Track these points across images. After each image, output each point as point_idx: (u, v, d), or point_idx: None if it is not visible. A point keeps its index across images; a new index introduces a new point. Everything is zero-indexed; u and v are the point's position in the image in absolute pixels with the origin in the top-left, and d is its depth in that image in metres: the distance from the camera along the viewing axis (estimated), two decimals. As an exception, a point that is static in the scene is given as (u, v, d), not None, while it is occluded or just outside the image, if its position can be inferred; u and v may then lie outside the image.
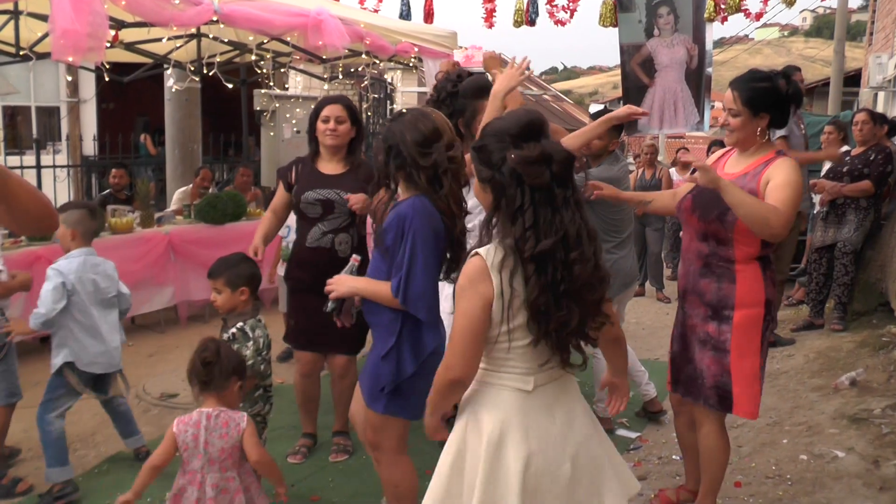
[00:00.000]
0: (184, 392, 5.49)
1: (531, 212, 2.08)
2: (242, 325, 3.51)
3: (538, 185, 2.08)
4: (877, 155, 6.51)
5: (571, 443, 2.24)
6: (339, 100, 4.14)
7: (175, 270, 7.12)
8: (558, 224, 2.09)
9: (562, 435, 2.23)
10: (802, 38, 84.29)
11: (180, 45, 8.26)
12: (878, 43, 15.47)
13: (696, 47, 8.13)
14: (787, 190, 3.07)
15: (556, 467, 2.20)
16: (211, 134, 12.13)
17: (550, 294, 2.09)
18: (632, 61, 8.42)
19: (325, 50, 7.30)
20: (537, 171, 2.07)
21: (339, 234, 4.06)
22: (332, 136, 4.00)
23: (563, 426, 2.24)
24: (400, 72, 11.18)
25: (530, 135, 2.11)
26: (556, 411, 2.26)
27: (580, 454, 2.25)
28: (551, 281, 2.09)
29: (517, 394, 2.22)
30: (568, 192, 2.11)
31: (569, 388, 2.34)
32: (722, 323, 3.25)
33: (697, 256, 3.34)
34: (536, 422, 2.21)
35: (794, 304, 8.04)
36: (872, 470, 3.95)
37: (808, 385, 5.32)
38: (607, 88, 69.03)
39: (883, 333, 5.88)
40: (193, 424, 3.06)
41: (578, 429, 2.29)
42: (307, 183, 4.07)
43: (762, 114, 3.21)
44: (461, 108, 3.61)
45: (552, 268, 2.08)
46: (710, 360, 3.29)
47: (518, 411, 2.21)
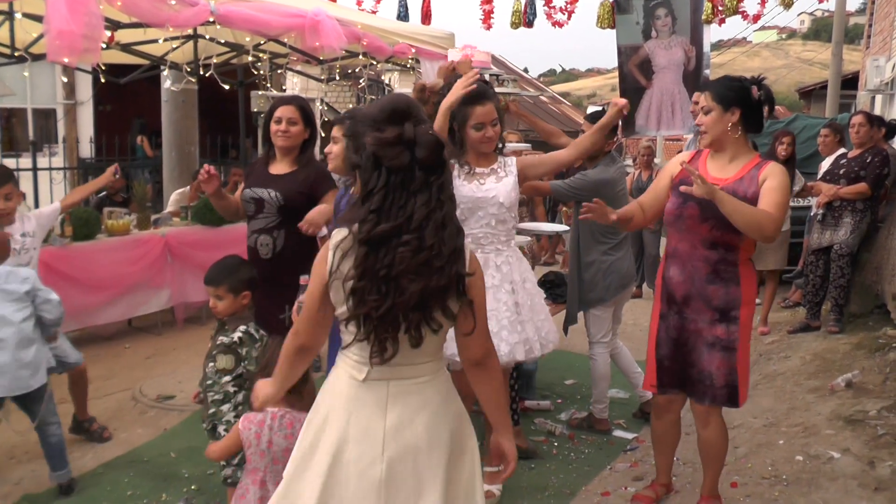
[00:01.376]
0: (180, 394, 5.49)
1: (381, 195, 2.03)
2: (246, 327, 3.52)
3: (397, 167, 2.02)
4: (873, 157, 6.51)
5: (394, 447, 2.15)
6: (292, 100, 4.11)
7: (172, 272, 7.11)
8: (409, 208, 2.03)
9: (386, 434, 2.15)
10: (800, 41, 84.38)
11: (177, 46, 8.25)
12: (876, 46, 15.49)
13: (693, 49, 8.17)
14: (780, 194, 3.22)
15: (368, 464, 2.14)
16: (208, 136, 12.13)
17: (372, 278, 2.04)
18: (629, 63, 8.44)
19: (323, 51, 7.29)
20: (394, 153, 2.02)
21: (262, 235, 4.03)
22: (283, 137, 4.00)
23: (392, 427, 2.16)
24: (397, 73, 11.18)
25: (393, 119, 2.06)
26: (389, 409, 2.17)
27: (402, 461, 2.15)
28: (376, 265, 2.03)
29: (350, 381, 2.21)
30: (432, 178, 2.05)
31: (419, 393, 2.21)
32: (731, 324, 3.38)
33: (705, 263, 3.39)
34: (362, 411, 2.18)
35: (791, 307, 8.05)
36: (868, 471, 3.95)
37: (804, 386, 5.32)
38: (605, 90, 69.10)
39: (879, 335, 5.88)
40: (258, 423, 3.06)
41: (411, 436, 2.17)
42: (252, 181, 4.12)
43: (733, 108, 3.32)
44: (454, 112, 3.64)
45: (384, 252, 2.03)
46: (721, 362, 3.40)
47: (346, 396, 2.21)
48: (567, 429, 4.88)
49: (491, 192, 3.73)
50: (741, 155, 3.40)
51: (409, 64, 9.42)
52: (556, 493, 3.98)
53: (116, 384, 5.85)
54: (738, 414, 4.95)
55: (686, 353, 3.48)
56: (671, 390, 3.59)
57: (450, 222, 2.09)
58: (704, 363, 3.42)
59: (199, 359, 5.04)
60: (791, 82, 49.95)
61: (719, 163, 3.44)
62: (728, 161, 3.41)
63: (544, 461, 4.40)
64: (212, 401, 3.51)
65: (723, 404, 3.46)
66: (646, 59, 8.07)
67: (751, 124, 3.38)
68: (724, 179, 3.35)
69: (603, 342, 4.82)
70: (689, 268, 3.43)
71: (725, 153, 3.42)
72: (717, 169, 3.43)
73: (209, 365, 3.54)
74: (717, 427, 3.54)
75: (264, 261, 3.99)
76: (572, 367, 5.94)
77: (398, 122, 2.06)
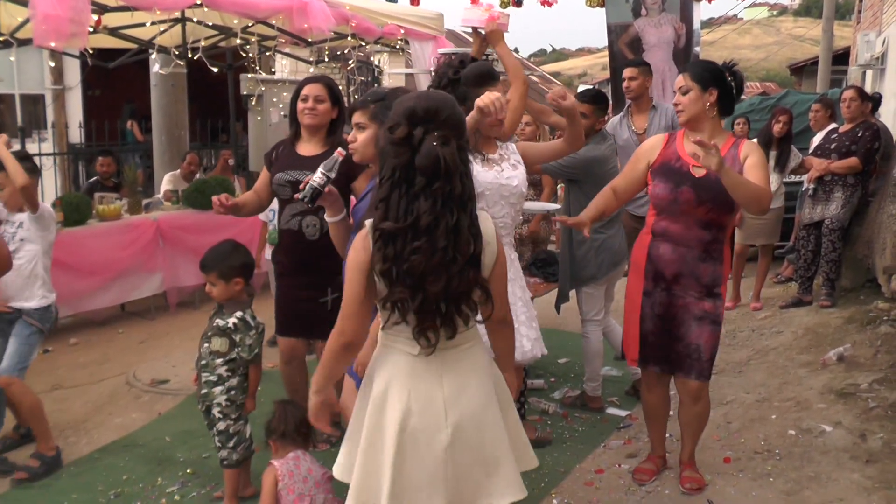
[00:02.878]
0: (174, 378, 5.49)
1: (387, 186, 2.15)
2: (242, 314, 3.53)
3: (399, 166, 2.13)
4: (864, 132, 6.51)
5: (455, 412, 2.27)
6: (319, 79, 4.05)
7: (164, 257, 7.10)
8: (412, 210, 2.12)
9: (446, 402, 2.28)
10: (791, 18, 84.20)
11: (164, 29, 8.21)
12: (867, 21, 15.47)
13: (683, 26, 8.16)
14: (764, 170, 3.40)
15: (434, 432, 2.26)
16: (198, 119, 12.06)
17: (397, 268, 2.14)
18: (619, 41, 8.43)
19: (311, 33, 7.26)
20: (397, 152, 2.13)
21: (307, 217, 3.92)
22: (311, 115, 3.91)
23: (449, 394, 2.28)
24: (387, 54, 11.11)
25: (409, 120, 2.15)
26: (445, 379, 2.30)
27: (464, 425, 2.28)
28: (393, 256, 2.14)
29: (404, 356, 2.30)
30: (436, 185, 2.11)
31: (468, 358, 2.36)
32: (717, 299, 3.52)
33: (698, 243, 3.47)
34: (420, 385, 2.28)
35: (783, 282, 8.08)
36: (859, 443, 3.98)
37: (796, 361, 5.35)
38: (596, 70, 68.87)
39: (870, 309, 5.91)
40: (292, 459, 3.36)
41: (468, 400, 2.31)
42: (282, 164, 4.00)
43: (711, 88, 3.43)
44: (462, 95, 3.38)
45: (400, 245, 2.13)
46: (709, 335, 3.52)
47: (403, 372, 2.29)
48: (560, 407, 4.90)
49: (513, 180, 3.49)
50: (718, 135, 3.48)
51: (399, 45, 9.38)
52: (550, 471, 4.00)
53: (110, 369, 5.86)
54: (731, 389, 4.98)
55: (673, 327, 3.56)
56: (653, 366, 3.68)
57: (464, 229, 2.16)
58: (692, 337, 3.52)
59: (192, 343, 5.06)
60: (782, 58, 49.91)
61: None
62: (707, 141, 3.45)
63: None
64: (205, 381, 3.56)
65: (707, 378, 3.59)
66: (636, 38, 8.07)
67: (724, 106, 3.49)
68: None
69: (595, 320, 4.83)
70: (682, 248, 3.49)
71: (703, 133, 3.45)
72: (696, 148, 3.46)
73: (204, 345, 3.56)
74: (706, 401, 3.69)
75: (311, 242, 3.89)
76: (565, 346, 5.96)
77: (411, 125, 2.13)
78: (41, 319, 4.29)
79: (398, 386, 2.28)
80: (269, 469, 3.33)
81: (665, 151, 3.59)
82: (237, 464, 3.60)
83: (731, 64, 3.55)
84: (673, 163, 3.52)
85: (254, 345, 3.52)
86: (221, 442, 3.58)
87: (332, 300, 3.84)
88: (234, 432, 3.57)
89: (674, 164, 3.51)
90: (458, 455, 2.28)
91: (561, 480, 3.94)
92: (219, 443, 3.59)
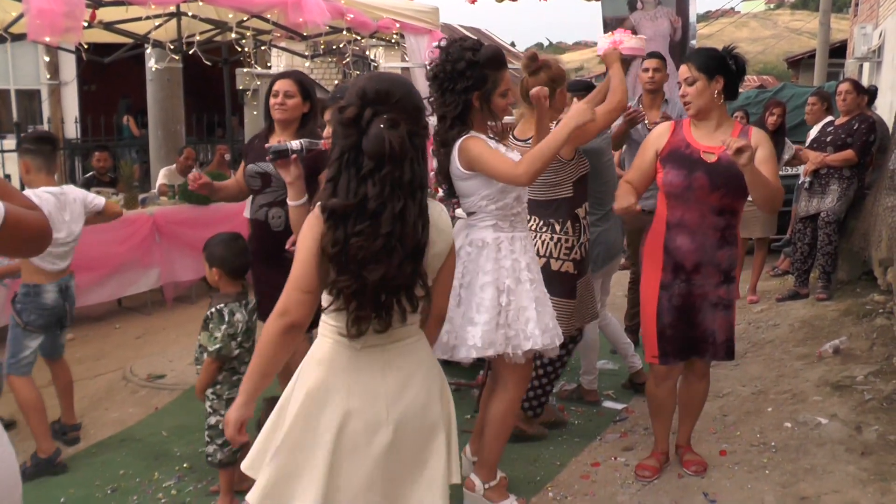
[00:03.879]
0: (171, 373, 5.49)
1: (335, 167, 2.10)
2: (222, 307, 3.51)
3: (346, 147, 2.08)
4: (860, 124, 6.52)
5: (398, 407, 2.18)
6: (289, 75, 4.11)
7: (160, 252, 7.09)
8: (360, 192, 2.05)
9: (388, 398, 2.18)
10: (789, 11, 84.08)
11: (160, 24, 8.19)
12: (864, 14, 15.47)
13: (679, 19, 8.14)
14: (774, 164, 3.38)
15: (375, 430, 2.16)
16: (194, 114, 12.04)
17: (342, 253, 2.06)
18: (615, 34, 8.35)
19: (306, 27, 7.25)
20: (345, 133, 2.09)
21: (273, 208, 3.99)
22: (280, 110, 3.98)
23: (393, 391, 2.19)
24: (382, 48, 11.10)
25: (360, 100, 2.10)
26: (389, 373, 2.21)
27: (406, 422, 2.19)
28: (343, 239, 2.06)
29: (347, 349, 2.19)
30: (385, 170, 2.05)
31: (412, 353, 2.27)
32: (730, 284, 3.56)
33: (714, 230, 3.46)
34: (362, 379, 2.18)
35: (780, 275, 8.09)
36: (855, 436, 3.98)
37: (792, 353, 5.36)
38: (593, 63, 68.79)
39: (866, 301, 5.92)
40: None
41: (411, 396, 2.22)
42: (253, 156, 4.08)
43: (717, 76, 3.39)
44: (482, 79, 3.22)
45: (342, 230, 2.06)
46: (722, 319, 3.56)
47: (345, 365, 2.19)
48: (557, 400, 4.90)
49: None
50: (725, 122, 3.48)
51: (394, 39, 9.36)
52: (546, 464, 4.01)
53: (107, 364, 5.86)
54: (727, 382, 4.99)
55: (692, 316, 3.55)
56: (674, 360, 3.62)
57: (410, 218, 2.10)
58: (708, 322, 3.55)
59: (188, 338, 5.05)
60: (779, 52, 49.85)
61: (704, 131, 3.48)
62: (714, 129, 3.46)
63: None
64: (198, 373, 3.57)
65: (722, 358, 3.65)
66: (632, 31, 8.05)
67: (729, 91, 3.46)
68: (718, 148, 3.35)
69: (591, 313, 4.82)
70: (700, 236, 3.47)
71: (710, 121, 3.46)
72: (706, 137, 3.46)
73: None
74: (709, 378, 3.82)
75: (276, 233, 3.94)
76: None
77: (361, 106, 2.09)
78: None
79: (339, 381, 2.18)
80: None
81: (673, 139, 3.54)
82: (220, 464, 3.57)
83: (730, 48, 3.49)
84: (683, 150, 3.47)
85: (221, 338, 3.44)
86: (210, 437, 3.57)
87: None
88: (223, 429, 3.55)
89: (684, 150, 3.47)
90: (398, 454, 2.19)
91: (557, 474, 3.94)
92: (207, 437, 3.58)
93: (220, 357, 3.46)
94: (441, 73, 3.21)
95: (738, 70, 3.45)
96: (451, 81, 3.19)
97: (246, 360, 3.57)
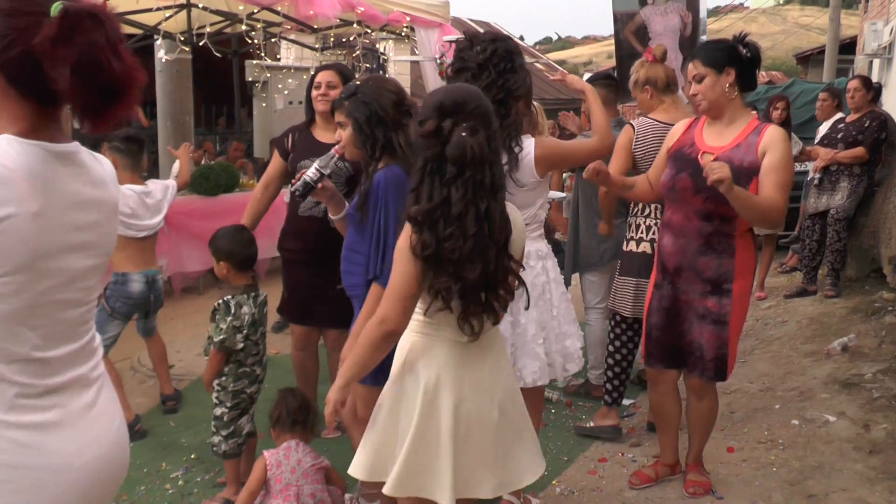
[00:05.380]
0: (178, 364, 5.50)
1: (418, 176, 2.22)
2: (229, 299, 3.51)
3: (430, 158, 2.20)
4: (871, 121, 6.50)
5: (499, 390, 2.40)
6: (332, 66, 4.12)
7: (168, 242, 7.07)
8: (444, 198, 2.18)
9: (491, 383, 2.39)
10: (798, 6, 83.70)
11: (170, 15, 8.18)
12: (874, 10, 15.38)
13: (689, 15, 8.11)
14: (783, 173, 3.10)
15: (487, 412, 2.36)
16: (203, 105, 12.04)
17: (434, 255, 2.19)
18: (625, 29, 8.38)
19: (317, 19, 7.25)
20: (427, 144, 2.20)
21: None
22: (324, 100, 3.95)
23: (491, 375, 2.40)
24: (392, 41, 11.07)
25: (438, 113, 2.21)
26: (487, 361, 2.40)
27: (506, 402, 2.42)
28: (434, 242, 2.19)
29: (453, 344, 2.35)
30: (467, 174, 2.17)
31: (495, 341, 2.47)
32: (723, 297, 3.29)
33: (698, 235, 3.30)
34: (468, 371, 2.35)
35: (788, 271, 8.07)
36: (863, 434, 3.98)
37: (800, 351, 5.35)
38: (602, 58, 68.63)
39: (875, 299, 5.90)
40: (284, 448, 3.37)
41: (505, 378, 2.46)
42: (303, 151, 4.00)
43: (727, 69, 3.21)
44: (524, 82, 3.10)
45: (432, 232, 2.19)
46: (711, 335, 3.33)
47: (454, 360, 2.35)
48: (564, 396, 4.91)
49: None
50: (739, 118, 3.28)
51: (404, 32, 9.35)
52: (553, 459, 4.00)
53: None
54: (735, 379, 4.97)
55: (676, 323, 3.43)
56: (658, 363, 3.54)
57: (496, 216, 2.24)
58: (695, 334, 3.37)
59: (196, 329, 5.06)
60: (788, 47, 49.63)
61: (716, 129, 3.32)
62: (726, 126, 3.30)
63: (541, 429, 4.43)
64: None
65: (711, 379, 3.42)
66: (642, 26, 8.01)
67: (745, 82, 3.28)
68: (721, 147, 3.24)
69: (598, 308, 4.83)
70: (682, 239, 3.34)
71: (723, 118, 3.30)
72: (715, 136, 3.31)
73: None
74: (711, 400, 3.56)
75: (333, 229, 3.72)
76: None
77: (440, 117, 2.20)
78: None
79: (450, 375, 2.33)
80: (260, 458, 3.35)
81: (683, 137, 3.42)
82: (225, 455, 3.58)
83: (742, 36, 3.28)
84: (686, 148, 3.34)
85: (226, 330, 3.43)
86: (216, 427, 3.58)
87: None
88: (228, 420, 3.56)
89: (686, 149, 3.34)
90: (504, 432, 2.40)
91: (564, 469, 3.95)
92: (213, 427, 3.60)
93: (223, 348, 3.46)
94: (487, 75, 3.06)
95: (752, 59, 3.25)
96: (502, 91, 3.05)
97: (253, 353, 3.57)
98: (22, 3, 1.46)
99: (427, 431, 2.33)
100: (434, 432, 2.32)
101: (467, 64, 3.09)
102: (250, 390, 3.61)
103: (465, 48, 3.15)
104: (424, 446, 2.33)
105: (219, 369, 3.53)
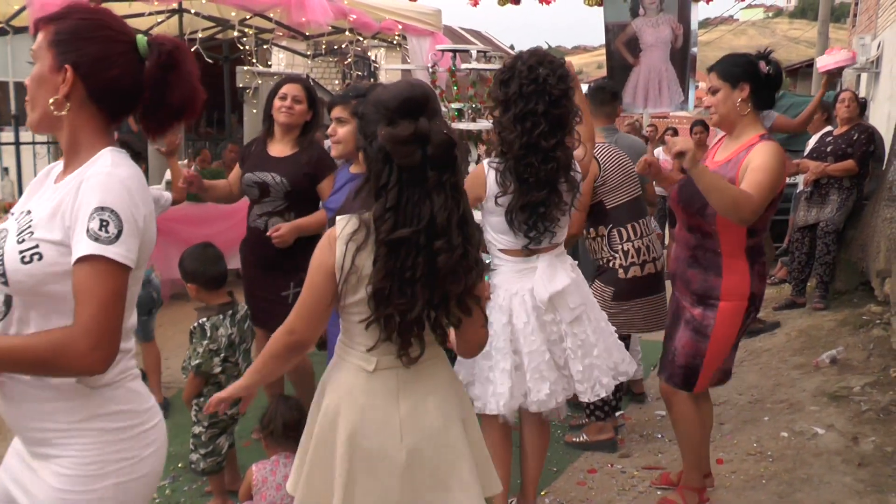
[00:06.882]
0: (166, 371, 5.46)
1: (395, 192, 1.94)
2: (204, 321, 3.45)
3: (408, 166, 1.93)
4: (860, 134, 6.53)
5: (412, 435, 2.11)
6: (298, 80, 4.03)
7: (157, 249, 6.93)
8: (425, 210, 1.95)
9: (402, 424, 2.11)
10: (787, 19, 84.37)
11: (162, 20, 8.19)
12: (862, 24, 15.49)
13: (681, 27, 8.15)
14: (763, 174, 3.00)
15: (389, 454, 2.10)
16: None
17: (396, 279, 1.98)
18: (617, 41, 8.41)
19: (309, 26, 7.24)
20: (407, 152, 1.92)
21: (273, 218, 3.91)
22: (287, 113, 3.89)
23: (406, 416, 2.12)
24: (384, 49, 11.10)
25: (407, 111, 1.95)
26: (402, 398, 2.13)
27: (423, 447, 2.12)
28: (400, 267, 1.97)
29: (360, 372, 2.13)
30: (445, 176, 1.96)
31: (428, 376, 2.18)
32: (707, 309, 3.25)
33: (686, 246, 3.32)
34: (375, 403, 2.12)
35: (777, 283, 8.09)
36: (851, 446, 3.98)
37: (789, 363, 5.36)
38: (592, 68, 68.94)
39: (863, 312, 5.92)
40: (272, 462, 3.32)
41: (427, 422, 2.14)
42: (251, 164, 3.99)
43: (741, 84, 3.16)
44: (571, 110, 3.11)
45: (405, 253, 1.96)
46: (688, 341, 3.29)
47: (358, 389, 2.13)
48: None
49: None
50: (744, 134, 3.21)
51: (396, 40, 9.36)
52: (542, 470, 3.99)
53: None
54: (724, 390, 4.97)
55: (670, 325, 3.46)
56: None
57: (470, 219, 2.05)
58: (676, 338, 3.35)
59: (184, 336, 4.99)
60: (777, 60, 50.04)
61: (727, 143, 3.31)
62: (734, 141, 3.26)
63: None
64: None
65: (677, 385, 3.35)
66: (633, 37, 8.06)
67: (761, 100, 3.22)
68: (717, 163, 3.25)
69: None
70: (678, 248, 3.40)
71: (734, 133, 3.27)
72: (723, 150, 3.31)
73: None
74: (679, 411, 3.42)
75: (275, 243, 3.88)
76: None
77: (412, 116, 1.94)
78: None
79: (350, 404, 2.12)
80: (248, 473, 3.33)
81: (709, 152, 3.43)
82: (203, 473, 3.55)
83: (766, 52, 3.24)
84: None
85: (202, 354, 3.38)
86: (194, 445, 3.55)
87: (293, 294, 3.80)
88: (207, 440, 3.51)
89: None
90: (415, 477, 2.12)
91: (553, 480, 3.94)
92: (192, 445, 3.56)
93: (199, 373, 3.41)
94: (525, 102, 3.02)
95: (772, 77, 3.19)
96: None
97: (234, 374, 3.46)
98: (115, 33, 1.74)
99: (322, 457, 2.17)
100: (328, 459, 2.15)
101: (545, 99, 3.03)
102: (231, 412, 3.54)
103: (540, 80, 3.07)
104: (320, 471, 2.17)
105: (197, 391, 3.48)
